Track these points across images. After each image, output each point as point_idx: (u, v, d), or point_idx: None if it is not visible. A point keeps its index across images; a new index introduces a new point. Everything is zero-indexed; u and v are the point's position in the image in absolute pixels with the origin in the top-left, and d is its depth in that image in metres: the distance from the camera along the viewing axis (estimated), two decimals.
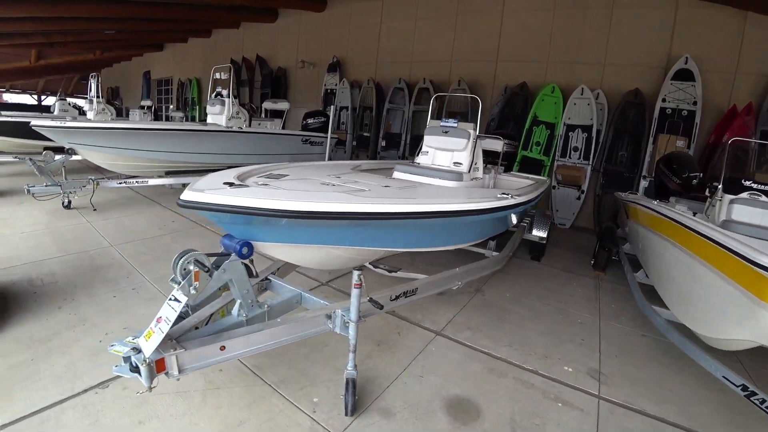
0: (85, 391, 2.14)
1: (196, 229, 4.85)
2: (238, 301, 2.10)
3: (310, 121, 8.09)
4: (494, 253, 4.14)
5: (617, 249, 4.80)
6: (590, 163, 6.95)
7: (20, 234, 4.47)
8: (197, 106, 14.21)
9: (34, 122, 5.24)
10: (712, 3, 6.19)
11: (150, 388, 1.62)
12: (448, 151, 4.21)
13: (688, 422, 2.36)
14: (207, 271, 1.87)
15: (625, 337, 3.35)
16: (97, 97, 8.73)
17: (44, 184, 5.33)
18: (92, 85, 8.79)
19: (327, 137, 7.49)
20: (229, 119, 6.59)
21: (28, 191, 5.19)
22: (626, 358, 3.01)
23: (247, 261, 2.00)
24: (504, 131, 6.96)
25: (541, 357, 2.93)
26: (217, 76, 7.53)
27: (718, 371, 2.36)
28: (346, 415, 2.12)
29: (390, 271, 3.35)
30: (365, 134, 9.62)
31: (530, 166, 7.29)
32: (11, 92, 23.73)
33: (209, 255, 1.92)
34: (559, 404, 2.47)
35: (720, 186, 3.34)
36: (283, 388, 2.31)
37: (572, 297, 4.09)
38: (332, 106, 7.48)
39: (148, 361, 1.59)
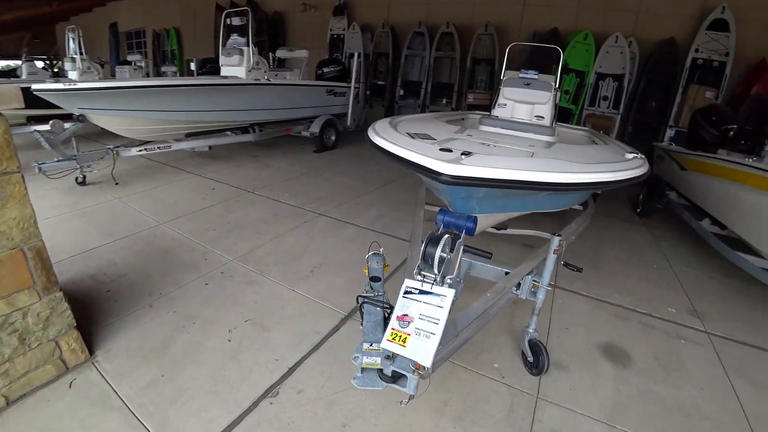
0: (256, 403, 1.85)
1: (244, 195, 4.58)
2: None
3: (325, 70, 7.57)
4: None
5: (666, 198, 5.10)
6: (619, 112, 7.11)
7: (46, 220, 3.74)
8: (177, 60, 12.85)
9: (35, 86, 4.41)
10: None
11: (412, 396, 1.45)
12: (528, 104, 4.16)
13: None
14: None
15: (699, 280, 3.69)
16: (80, 53, 7.67)
17: (55, 159, 4.53)
18: (71, 40, 7.69)
19: (350, 87, 7.17)
20: (249, 71, 6.00)
21: (40, 169, 4.32)
22: (710, 298, 3.36)
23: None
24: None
25: (647, 301, 3.21)
26: (228, 21, 6.76)
27: None
28: (537, 374, 2.27)
29: (498, 229, 3.41)
30: (380, 83, 9.22)
31: (558, 115, 7.35)
32: None
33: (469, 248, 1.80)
34: (682, 341, 2.76)
35: None
36: (459, 360, 2.39)
37: (638, 244, 4.40)
38: (357, 53, 7.02)
39: (427, 369, 1.40)
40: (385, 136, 2.28)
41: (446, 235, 1.66)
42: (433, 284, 1.50)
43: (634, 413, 2.11)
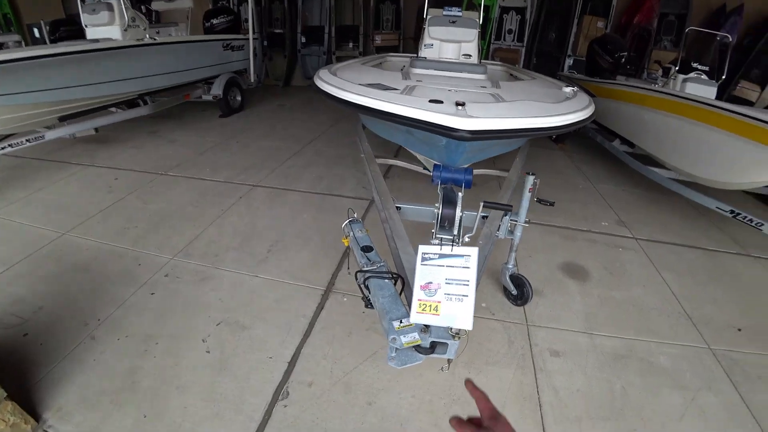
0: (269, 412, 1.63)
1: (157, 179, 3.84)
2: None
3: (214, 21, 6.38)
4: None
5: None
6: (524, 44, 7.43)
7: None
8: (14, 26, 9.89)
9: None
10: None
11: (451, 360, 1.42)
12: (455, 42, 4.07)
13: (690, 242, 3.30)
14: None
15: (618, 194, 4.21)
16: None
17: None
18: None
19: (249, 38, 6.33)
20: (125, 30, 4.80)
21: None
22: (630, 209, 3.86)
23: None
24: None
25: (583, 219, 3.57)
26: None
27: (711, 203, 3.28)
28: (523, 304, 2.39)
29: None
30: (277, 31, 8.28)
31: None
32: None
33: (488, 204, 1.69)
34: (620, 249, 3.16)
35: (676, 68, 4.17)
36: None
37: (561, 168, 4.82)
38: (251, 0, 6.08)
39: (467, 332, 1.36)
40: (357, 91, 2.02)
41: (459, 194, 1.58)
42: (452, 245, 1.41)
43: (603, 318, 2.38)
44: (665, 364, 2.09)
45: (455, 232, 1.51)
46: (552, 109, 1.91)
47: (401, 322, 1.34)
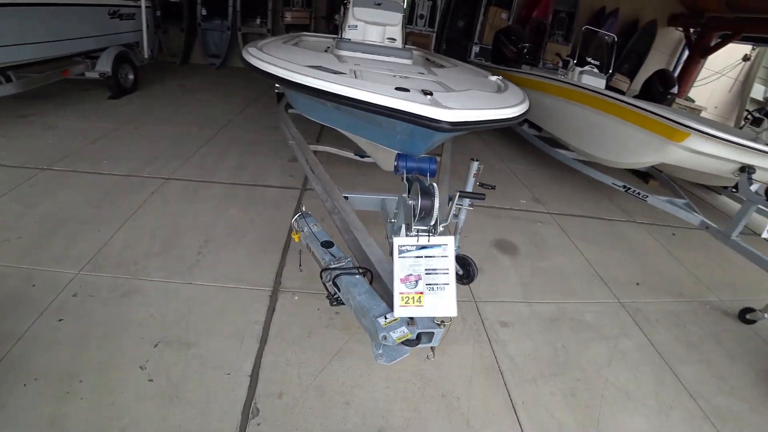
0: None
1: (40, 176, 3.11)
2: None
3: None
4: None
5: None
6: (434, 30, 7.65)
7: None
8: None
9: None
10: None
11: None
12: (380, 25, 4.01)
13: (592, 213, 3.84)
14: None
15: (529, 174, 4.66)
16: None
17: None
18: None
19: (142, 6, 5.48)
20: None
21: None
22: (541, 187, 4.31)
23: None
24: None
25: (504, 198, 3.87)
26: None
27: (608, 180, 3.81)
28: (469, 283, 2.51)
29: None
30: (172, 1, 7.27)
31: None
32: None
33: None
34: (539, 224, 3.53)
35: (575, 61, 4.73)
36: None
37: (475, 149, 5.14)
38: None
39: (451, 318, 1.35)
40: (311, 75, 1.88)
41: (434, 184, 1.56)
42: (429, 236, 1.40)
43: (536, 287, 2.65)
44: (590, 320, 2.42)
45: (432, 223, 1.49)
46: (504, 100, 2.01)
47: (386, 318, 1.31)
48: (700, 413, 1.90)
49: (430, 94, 1.72)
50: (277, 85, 5.18)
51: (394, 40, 4.07)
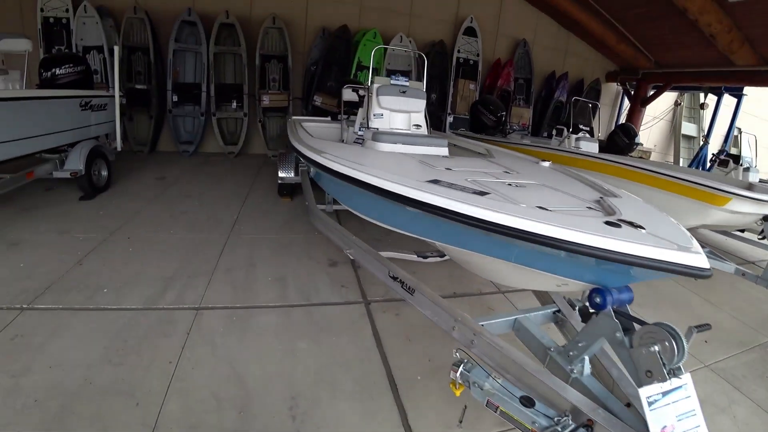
0: None
1: (17, 322, 2.34)
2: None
3: (58, 72, 4.68)
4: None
5: None
6: None
7: None
8: None
9: None
10: None
11: None
12: (405, 112, 3.93)
13: None
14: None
15: None
16: None
17: None
18: None
19: (114, 96, 5.01)
20: None
21: None
22: None
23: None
24: (351, 79, 6.77)
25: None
26: None
27: None
28: None
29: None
30: (139, 87, 6.82)
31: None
32: None
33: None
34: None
35: (570, 130, 5.15)
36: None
37: None
38: (117, 48, 4.80)
39: None
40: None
41: (659, 327, 1.33)
42: (670, 379, 1.28)
43: None
44: (700, 393, 2.16)
45: (677, 365, 1.30)
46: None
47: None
48: None
49: (641, 227, 1.51)
50: (282, 175, 4.82)
51: (420, 126, 3.99)
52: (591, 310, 1.55)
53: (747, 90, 9.09)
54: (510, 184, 2.32)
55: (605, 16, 7.90)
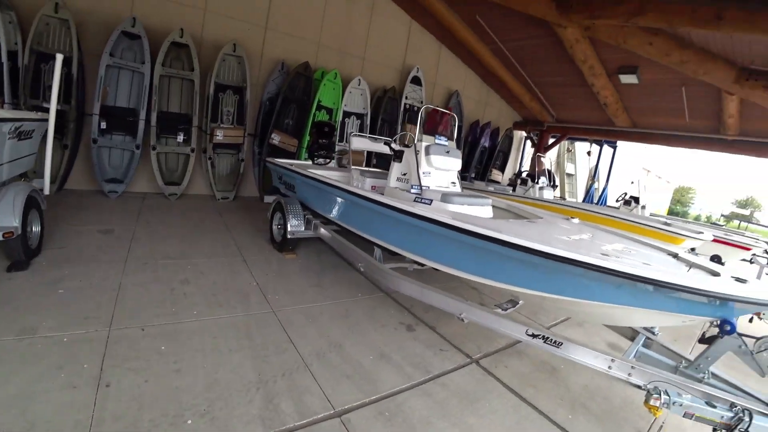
0: None
1: None
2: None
3: None
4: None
5: None
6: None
7: None
8: None
9: None
10: (426, 30, 8.56)
11: None
12: (447, 171, 3.99)
13: None
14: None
15: None
16: None
17: None
18: None
19: (48, 120, 3.91)
20: None
21: None
22: None
23: None
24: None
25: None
26: None
27: None
28: None
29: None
30: (46, 105, 5.24)
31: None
32: None
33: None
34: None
35: (537, 181, 6.01)
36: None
37: None
38: (60, 56, 3.72)
39: None
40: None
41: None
42: None
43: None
44: None
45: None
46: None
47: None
48: None
49: (744, 281, 2.13)
50: (292, 229, 4.24)
51: (455, 183, 4.09)
52: (718, 335, 2.18)
53: (619, 143, 12.32)
54: (605, 247, 2.68)
55: (525, 79, 9.42)
